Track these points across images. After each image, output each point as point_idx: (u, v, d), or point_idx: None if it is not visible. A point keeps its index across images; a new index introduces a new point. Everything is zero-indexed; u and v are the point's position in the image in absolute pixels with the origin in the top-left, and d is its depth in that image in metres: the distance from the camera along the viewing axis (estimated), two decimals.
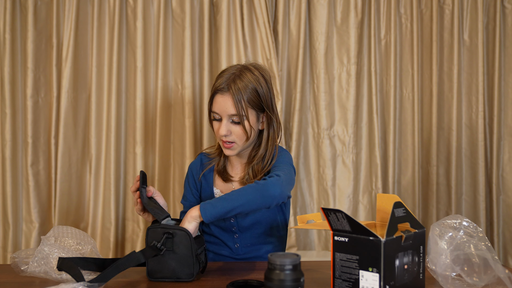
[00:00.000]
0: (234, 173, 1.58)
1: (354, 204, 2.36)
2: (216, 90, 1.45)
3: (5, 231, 2.22)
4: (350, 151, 2.35)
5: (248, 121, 1.44)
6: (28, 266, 1.22)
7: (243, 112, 1.42)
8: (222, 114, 1.45)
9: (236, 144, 1.46)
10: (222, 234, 1.55)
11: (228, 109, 1.43)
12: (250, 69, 1.47)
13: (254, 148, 1.54)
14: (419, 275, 1.10)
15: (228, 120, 1.45)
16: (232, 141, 1.46)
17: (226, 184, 1.57)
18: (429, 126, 2.39)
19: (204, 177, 1.59)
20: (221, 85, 1.44)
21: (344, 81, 2.34)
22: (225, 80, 1.44)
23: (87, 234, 1.37)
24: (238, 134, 1.45)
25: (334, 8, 2.35)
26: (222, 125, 1.45)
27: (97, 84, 2.25)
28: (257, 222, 1.53)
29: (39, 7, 2.23)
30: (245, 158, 1.56)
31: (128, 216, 2.28)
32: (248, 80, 1.43)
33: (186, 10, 2.24)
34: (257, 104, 1.45)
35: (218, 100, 1.45)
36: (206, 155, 1.64)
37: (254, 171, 1.52)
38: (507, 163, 2.40)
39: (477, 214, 2.38)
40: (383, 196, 1.17)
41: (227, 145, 1.46)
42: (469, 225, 1.18)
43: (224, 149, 1.48)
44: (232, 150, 1.47)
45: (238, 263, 1.44)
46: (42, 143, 2.25)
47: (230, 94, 1.42)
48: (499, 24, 2.38)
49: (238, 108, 1.42)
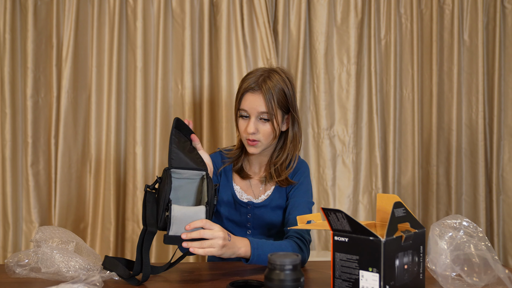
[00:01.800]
0: (252, 172, 1.63)
1: (354, 204, 2.36)
2: (246, 89, 1.51)
3: (5, 231, 2.22)
4: (350, 151, 2.35)
5: (276, 120, 1.50)
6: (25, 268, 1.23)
7: (272, 110, 1.48)
8: (251, 112, 1.50)
9: (260, 142, 1.52)
10: (235, 229, 1.59)
11: (259, 107, 1.49)
12: (277, 71, 1.54)
13: (276, 150, 1.60)
14: (419, 275, 1.10)
15: (256, 118, 1.50)
16: (257, 140, 1.51)
17: (244, 181, 1.62)
18: (429, 126, 2.39)
19: (224, 172, 1.63)
20: (251, 85, 1.50)
21: (344, 81, 2.34)
22: (255, 80, 1.51)
23: (71, 232, 1.35)
24: (264, 133, 1.51)
25: (334, 8, 2.35)
26: (251, 122, 1.50)
27: (97, 84, 2.25)
28: (271, 223, 1.58)
29: (39, 7, 2.23)
30: (266, 158, 1.62)
31: (128, 216, 2.28)
32: (277, 80, 1.50)
33: (186, 10, 2.24)
34: (284, 104, 1.52)
35: (249, 98, 1.50)
36: (224, 153, 1.67)
37: (277, 172, 1.58)
38: (507, 163, 2.40)
39: (477, 214, 2.38)
40: (383, 196, 1.17)
41: (252, 143, 1.52)
42: (469, 225, 1.18)
43: (248, 146, 1.53)
44: (256, 148, 1.53)
45: (238, 263, 1.44)
46: (42, 143, 2.25)
47: (261, 93, 1.48)
48: (499, 24, 2.38)
49: (269, 106, 1.48)
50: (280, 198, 1.58)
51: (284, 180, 1.58)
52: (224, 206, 1.62)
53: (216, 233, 1.21)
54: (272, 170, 1.59)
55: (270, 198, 1.58)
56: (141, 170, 2.25)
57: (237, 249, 1.29)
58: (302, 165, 1.63)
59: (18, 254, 1.28)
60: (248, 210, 1.58)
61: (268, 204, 1.58)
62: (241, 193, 1.60)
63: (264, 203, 1.58)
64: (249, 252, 1.31)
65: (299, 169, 1.61)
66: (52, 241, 1.29)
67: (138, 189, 2.25)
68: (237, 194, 1.61)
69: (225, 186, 1.62)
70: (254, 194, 1.61)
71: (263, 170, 1.63)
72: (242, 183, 1.63)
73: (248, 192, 1.61)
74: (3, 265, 1.29)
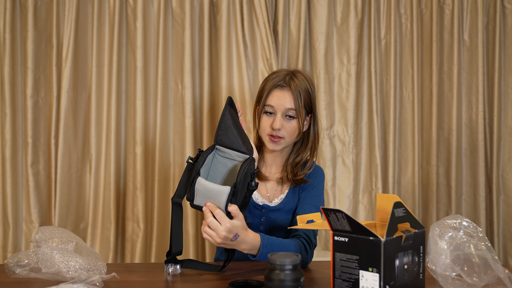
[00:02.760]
0: (268, 173, 1.63)
1: (354, 204, 2.36)
2: (274, 85, 1.53)
3: (5, 231, 2.22)
4: (350, 151, 2.35)
5: (301, 118, 1.52)
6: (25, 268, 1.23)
7: (299, 108, 1.51)
8: (278, 108, 1.52)
9: (284, 139, 1.53)
10: None
11: (287, 103, 1.51)
12: (301, 72, 1.57)
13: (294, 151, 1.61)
14: (419, 275, 1.10)
15: (282, 115, 1.52)
16: (281, 136, 1.52)
17: (260, 183, 1.62)
18: (429, 126, 2.39)
19: None
20: (280, 82, 1.52)
21: (344, 81, 2.34)
22: (283, 77, 1.53)
23: (71, 232, 1.36)
24: (289, 130, 1.52)
25: (334, 8, 2.35)
26: (277, 119, 1.51)
27: (97, 84, 2.25)
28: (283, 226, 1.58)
29: (39, 7, 2.23)
30: (284, 158, 1.62)
31: (128, 216, 2.28)
32: (303, 80, 1.54)
33: (186, 10, 2.24)
34: (308, 103, 1.55)
35: (277, 94, 1.52)
36: None
37: (293, 172, 1.59)
38: (507, 163, 2.40)
39: (477, 214, 2.38)
40: (383, 196, 1.17)
41: (275, 139, 1.52)
42: (469, 225, 1.18)
43: (271, 143, 1.54)
44: (279, 145, 1.54)
45: (238, 263, 1.44)
46: (42, 143, 2.24)
47: (290, 90, 1.51)
48: (499, 24, 2.38)
49: (297, 103, 1.50)
50: (293, 201, 1.58)
51: (299, 180, 1.57)
52: None
53: (219, 230, 1.24)
54: (289, 169, 1.59)
55: (284, 202, 1.58)
56: (141, 170, 2.24)
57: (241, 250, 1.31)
58: (318, 171, 1.64)
59: (18, 254, 1.28)
60: (263, 213, 1.57)
61: (282, 208, 1.57)
62: (257, 196, 1.59)
63: (278, 206, 1.57)
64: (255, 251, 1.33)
65: (315, 173, 1.61)
66: (52, 241, 1.29)
67: (138, 189, 2.25)
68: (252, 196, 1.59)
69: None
70: (269, 197, 1.60)
71: (279, 171, 1.63)
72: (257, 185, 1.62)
73: (263, 195, 1.60)
74: (3, 265, 1.29)
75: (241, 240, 1.29)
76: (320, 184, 1.60)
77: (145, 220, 2.26)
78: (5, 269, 1.26)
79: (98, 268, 1.24)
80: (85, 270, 1.22)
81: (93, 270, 1.23)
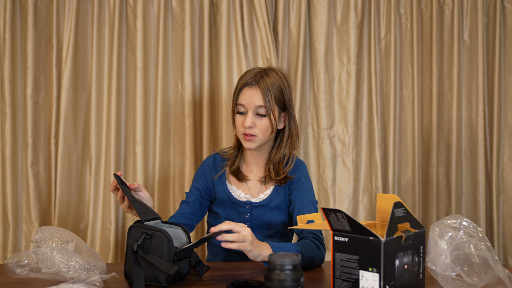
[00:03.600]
0: (249, 172, 1.64)
1: (354, 204, 2.36)
2: (244, 84, 1.55)
3: (5, 231, 2.22)
4: (350, 151, 2.35)
5: (273, 115, 1.52)
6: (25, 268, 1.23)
7: (269, 105, 1.51)
8: (248, 106, 1.53)
9: (257, 137, 1.54)
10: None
11: (256, 100, 1.52)
12: (274, 69, 1.58)
13: (274, 148, 1.62)
14: (419, 275, 1.10)
15: (253, 113, 1.53)
16: (254, 134, 1.53)
17: (241, 183, 1.62)
18: (429, 126, 2.38)
19: (219, 178, 1.63)
20: (249, 80, 1.54)
21: (344, 81, 2.34)
22: (253, 75, 1.55)
23: (71, 232, 1.36)
24: (261, 127, 1.53)
25: (334, 8, 2.35)
26: (248, 117, 1.52)
27: (97, 84, 2.25)
28: (270, 223, 1.57)
29: (39, 7, 2.23)
30: (264, 158, 1.63)
31: (128, 216, 2.28)
32: (274, 77, 1.54)
33: (186, 10, 2.24)
34: (280, 101, 1.55)
35: (246, 92, 1.54)
36: (221, 155, 1.68)
37: (276, 170, 1.59)
38: (507, 163, 2.40)
39: (477, 214, 2.38)
40: (383, 196, 1.17)
41: (249, 137, 1.53)
42: (469, 225, 1.18)
43: (245, 141, 1.55)
44: (252, 143, 1.54)
45: (238, 263, 1.45)
46: (42, 143, 2.24)
47: (258, 87, 1.52)
48: (499, 24, 2.38)
49: (266, 100, 1.51)
50: (279, 198, 1.58)
51: (282, 178, 1.58)
52: (221, 207, 1.62)
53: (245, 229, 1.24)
54: (271, 168, 1.59)
55: (269, 198, 1.58)
56: (141, 170, 2.25)
57: (262, 250, 1.28)
58: (301, 165, 1.64)
59: (18, 254, 1.28)
60: (247, 209, 1.58)
61: (267, 204, 1.58)
62: (239, 193, 1.60)
63: (263, 202, 1.58)
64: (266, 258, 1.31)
65: (298, 168, 1.62)
66: (52, 241, 1.29)
67: None
68: (233, 193, 1.60)
69: (220, 192, 1.62)
70: (252, 193, 1.61)
71: (261, 171, 1.63)
72: (239, 183, 1.63)
73: (246, 191, 1.61)
74: (3, 265, 1.29)
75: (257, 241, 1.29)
76: (307, 179, 1.62)
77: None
78: (5, 269, 1.26)
79: (98, 268, 1.24)
80: (85, 270, 1.23)
81: (93, 270, 1.23)
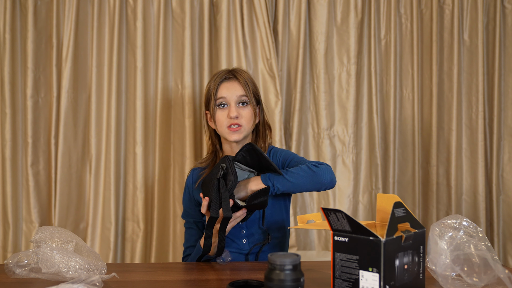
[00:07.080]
0: None
1: (354, 204, 2.36)
2: (221, 80, 1.57)
3: (5, 231, 2.22)
4: (350, 151, 2.35)
5: (253, 104, 1.57)
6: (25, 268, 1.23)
7: (250, 94, 1.56)
8: (230, 98, 1.55)
9: (243, 127, 1.55)
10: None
11: (237, 91, 1.55)
12: (242, 69, 1.64)
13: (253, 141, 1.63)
14: (419, 275, 1.10)
15: (235, 103, 1.55)
16: (240, 124, 1.54)
17: None
18: (429, 126, 2.38)
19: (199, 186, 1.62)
20: (225, 76, 1.58)
21: (344, 81, 2.34)
22: (226, 73, 1.59)
23: (70, 232, 1.36)
24: (245, 116, 1.55)
25: (334, 8, 2.35)
26: (232, 107, 1.54)
27: (97, 84, 2.25)
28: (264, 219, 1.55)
29: (39, 7, 2.23)
30: None
31: (128, 216, 2.28)
32: (247, 74, 1.61)
33: (186, 10, 2.24)
34: (255, 93, 1.60)
35: (226, 85, 1.57)
36: (198, 166, 1.69)
37: None
38: (507, 163, 2.40)
39: (477, 214, 2.38)
40: (383, 196, 1.17)
41: (235, 128, 1.54)
42: (469, 225, 1.18)
43: (231, 134, 1.55)
44: (240, 133, 1.55)
45: (238, 263, 1.45)
46: (42, 143, 2.25)
47: (236, 80, 1.57)
48: (499, 24, 2.38)
49: (246, 89, 1.55)
50: None
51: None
52: None
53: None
54: None
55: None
56: (141, 170, 2.25)
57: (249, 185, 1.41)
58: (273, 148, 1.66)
59: (18, 254, 1.28)
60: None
61: None
62: None
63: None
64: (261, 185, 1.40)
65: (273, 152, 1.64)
66: (52, 241, 1.29)
67: (138, 189, 2.25)
68: None
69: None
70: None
71: None
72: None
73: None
74: (3, 266, 1.29)
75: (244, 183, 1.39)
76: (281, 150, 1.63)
77: (145, 220, 2.26)
78: (5, 269, 1.26)
79: (98, 268, 1.24)
80: (85, 270, 1.22)
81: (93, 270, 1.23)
